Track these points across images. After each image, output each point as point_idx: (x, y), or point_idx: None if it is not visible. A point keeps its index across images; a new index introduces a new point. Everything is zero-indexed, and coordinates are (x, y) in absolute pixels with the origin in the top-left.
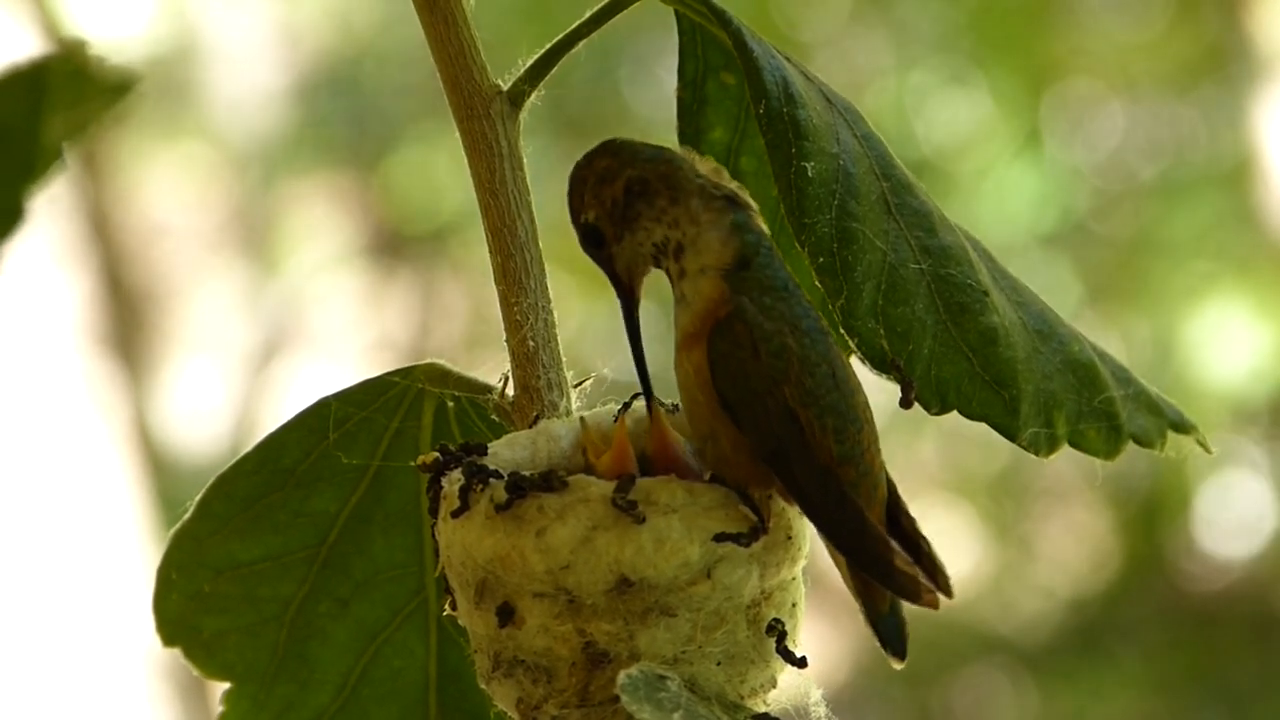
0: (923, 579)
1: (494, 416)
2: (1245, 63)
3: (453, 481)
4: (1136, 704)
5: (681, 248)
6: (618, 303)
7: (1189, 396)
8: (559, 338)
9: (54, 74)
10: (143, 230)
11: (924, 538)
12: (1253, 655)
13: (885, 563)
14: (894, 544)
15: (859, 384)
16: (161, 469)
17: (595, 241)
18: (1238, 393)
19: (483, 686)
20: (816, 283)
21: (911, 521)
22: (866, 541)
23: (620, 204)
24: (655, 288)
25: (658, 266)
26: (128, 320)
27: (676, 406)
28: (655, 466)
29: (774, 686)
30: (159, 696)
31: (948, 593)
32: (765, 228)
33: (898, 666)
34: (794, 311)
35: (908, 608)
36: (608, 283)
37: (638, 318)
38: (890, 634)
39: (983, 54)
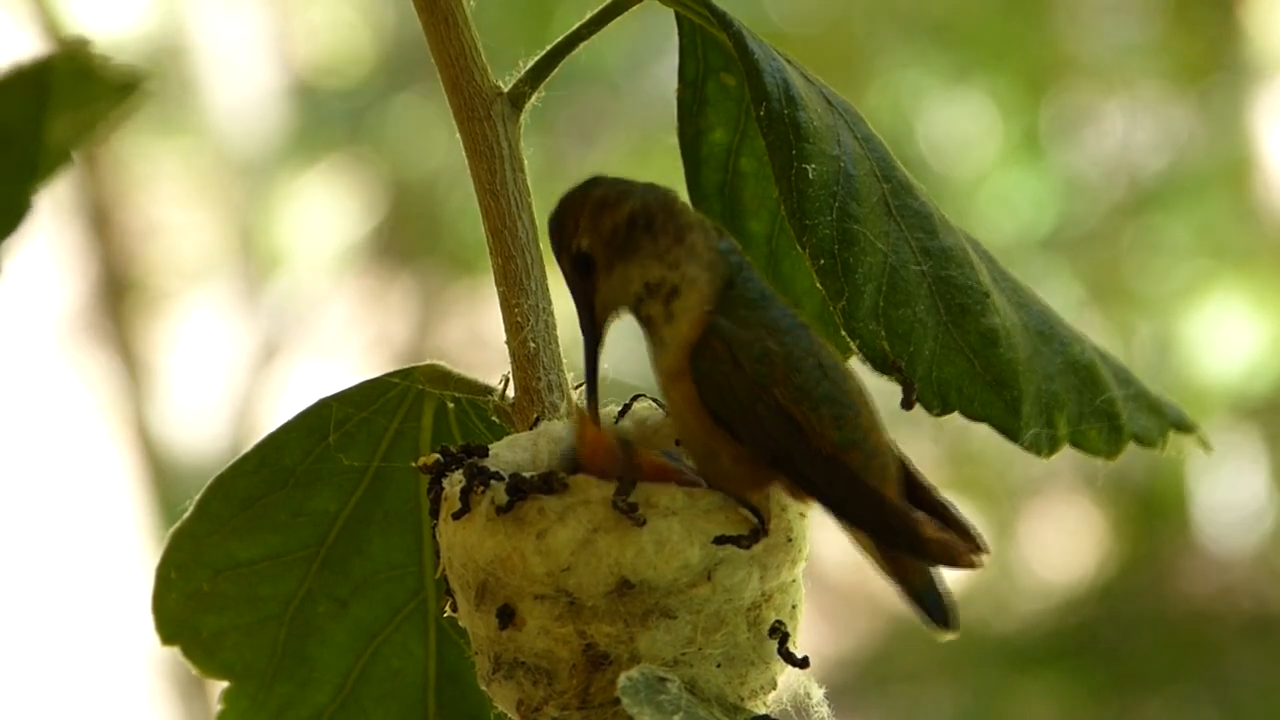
0: (957, 541)
1: (494, 418)
2: (1245, 63)
3: (454, 483)
4: (1135, 703)
5: (677, 291)
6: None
7: (1188, 395)
8: (559, 339)
9: (58, 73)
10: (142, 229)
11: (947, 503)
12: (1251, 654)
13: (915, 535)
14: (920, 514)
15: (850, 371)
16: (161, 469)
17: (584, 270)
18: (1237, 391)
19: (483, 688)
20: (818, 284)
21: (931, 491)
22: (890, 518)
23: (621, 233)
24: None
25: (635, 309)
26: (127, 319)
27: None
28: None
29: (774, 688)
30: (159, 696)
31: (984, 550)
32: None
33: (949, 638)
34: (770, 316)
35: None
36: None
37: (598, 360)
38: (934, 607)
39: (981, 55)
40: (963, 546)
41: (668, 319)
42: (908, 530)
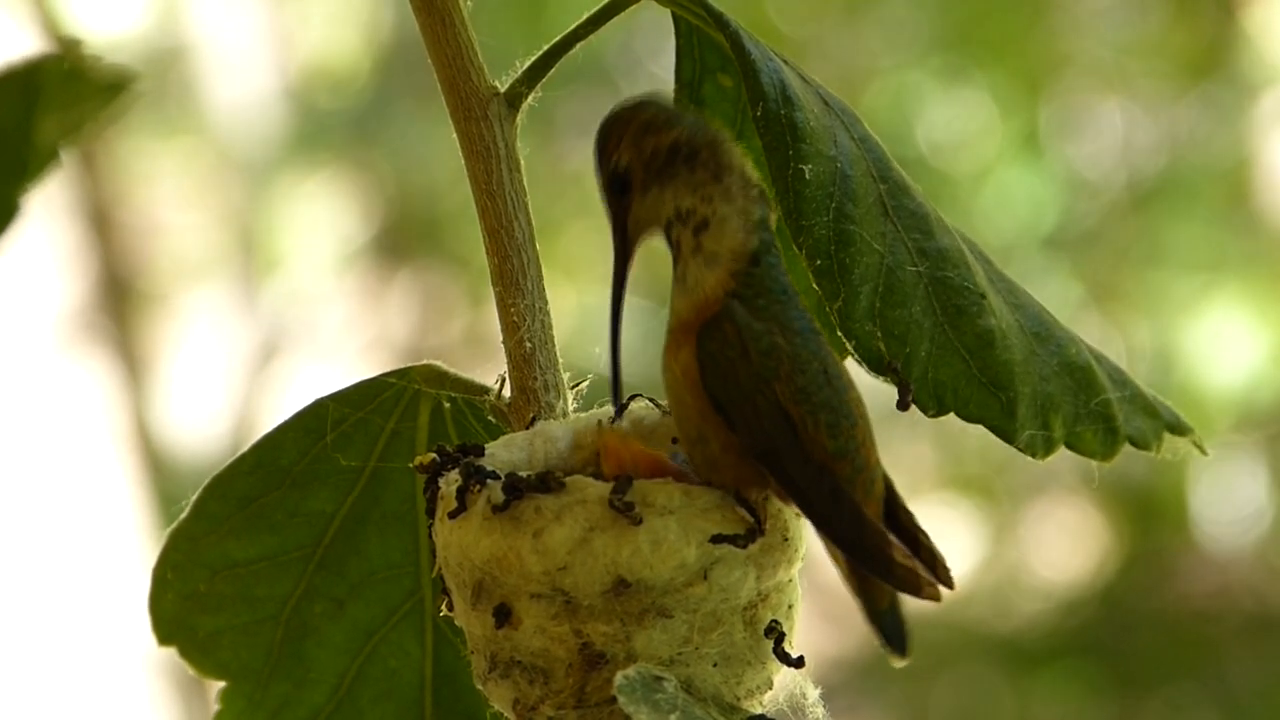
0: (923, 572)
1: (490, 418)
2: (1245, 63)
3: (450, 482)
4: (1135, 703)
5: (706, 224)
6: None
7: (1187, 396)
8: (556, 339)
9: (49, 73)
10: (141, 229)
11: (922, 532)
12: (1251, 654)
13: (884, 557)
14: (892, 538)
15: (852, 381)
16: (161, 469)
17: (620, 188)
18: (1236, 395)
19: (479, 687)
20: (814, 285)
21: (909, 516)
22: (864, 536)
23: (661, 157)
24: (646, 285)
25: (667, 234)
26: (127, 320)
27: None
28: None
29: (770, 688)
30: (159, 696)
31: (948, 584)
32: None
33: (900, 664)
34: (786, 312)
35: (909, 605)
36: (605, 283)
37: (626, 277)
38: (891, 631)
39: (980, 54)
40: (926, 578)
41: (695, 250)
42: (878, 551)
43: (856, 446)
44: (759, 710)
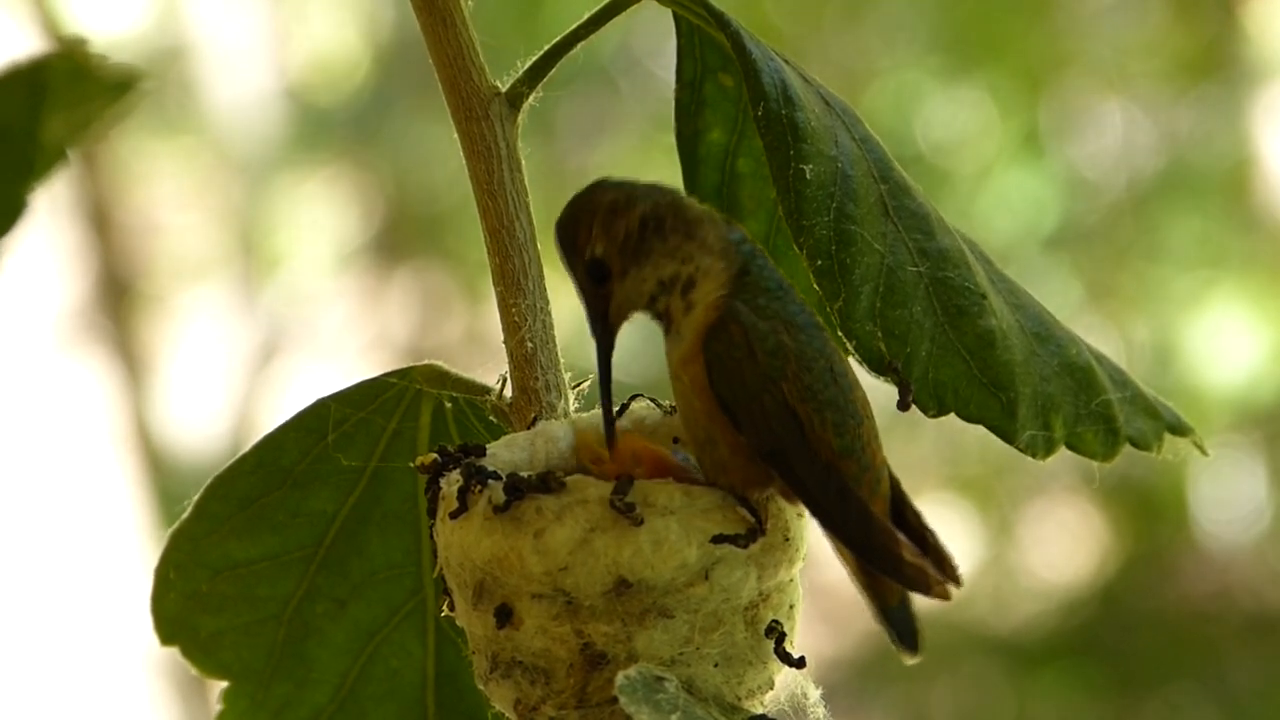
0: (931, 570)
1: (492, 418)
2: (1245, 63)
3: (451, 483)
4: (1135, 703)
5: (693, 281)
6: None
7: (1187, 397)
8: (557, 339)
9: (54, 72)
10: (141, 229)
11: (930, 530)
12: (1251, 654)
13: (893, 555)
14: (901, 536)
15: (857, 380)
16: (161, 469)
17: (600, 277)
18: (1236, 394)
19: (480, 687)
20: (815, 285)
21: (916, 515)
22: (873, 535)
23: (634, 237)
24: None
25: (650, 307)
26: (127, 320)
27: (674, 408)
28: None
29: (771, 688)
30: (159, 696)
31: (957, 582)
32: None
33: (911, 661)
34: (788, 309)
35: (916, 604)
36: None
37: (610, 362)
38: (902, 628)
39: (980, 54)
40: (936, 576)
41: (686, 310)
42: (887, 549)
43: (863, 445)
44: (760, 710)
